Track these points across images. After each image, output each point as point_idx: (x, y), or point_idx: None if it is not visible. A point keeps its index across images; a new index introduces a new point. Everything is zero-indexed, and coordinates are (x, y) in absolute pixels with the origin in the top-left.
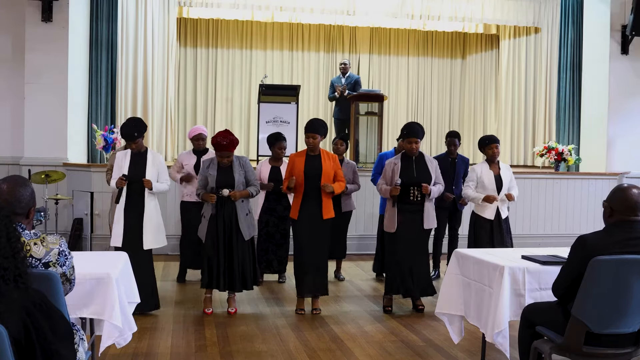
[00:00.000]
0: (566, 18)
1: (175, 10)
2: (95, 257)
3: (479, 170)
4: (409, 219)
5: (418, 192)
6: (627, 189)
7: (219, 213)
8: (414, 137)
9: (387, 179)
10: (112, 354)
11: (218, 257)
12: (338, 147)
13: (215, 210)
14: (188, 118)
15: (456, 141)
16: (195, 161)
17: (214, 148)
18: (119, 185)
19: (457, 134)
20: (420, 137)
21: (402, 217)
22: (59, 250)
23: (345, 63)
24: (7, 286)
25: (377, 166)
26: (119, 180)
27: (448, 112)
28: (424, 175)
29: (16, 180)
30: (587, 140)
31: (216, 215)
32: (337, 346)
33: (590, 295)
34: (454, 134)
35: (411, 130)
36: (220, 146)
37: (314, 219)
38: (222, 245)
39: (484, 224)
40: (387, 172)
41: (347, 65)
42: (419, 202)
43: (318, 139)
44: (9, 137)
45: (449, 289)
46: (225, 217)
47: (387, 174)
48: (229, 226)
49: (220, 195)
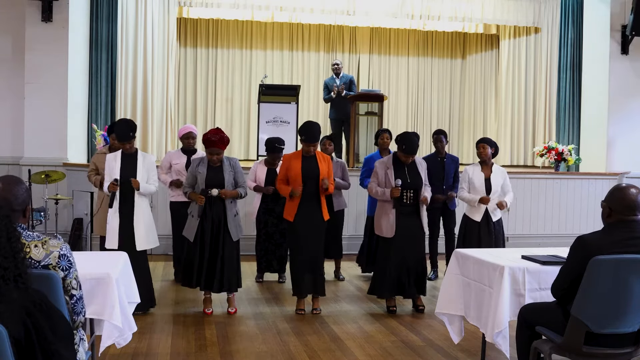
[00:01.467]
0: (566, 18)
1: (175, 10)
2: (95, 257)
3: (470, 172)
4: (404, 221)
5: (411, 195)
6: (625, 188)
7: (207, 213)
8: (411, 154)
9: (380, 181)
10: (112, 354)
11: (203, 256)
12: (327, 147)
13: (203, 210)
14: (188, 118)
15: (442, 138)
16: (186, 161)
17: (205, 145)
18: (111, 190)
19: (444, 132)
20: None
21: (399, 220)
22: (60, 253)
23: (337, 64)
24: (7, 286)
25: (365, 170)
26: (111, 185)
27: (448, 112)
28: (417, 179)
29: (10, 179)
30: (587, 140)
31: (204, 215)
32: (337, 346)
33: (590, 295)
34: (440, 132)
35: (410, 146)
36: (210, 142)
37: (312, 220)
38: (207, 245)
39: (472, 226)
40: (379, 174)
41: (339, 66)
42: (412, 204)
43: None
44: (9, 137)
45: (449, 289)
46: (214, 217)
47: (380, 176)
48: (217, 226)
49: (209, 195)
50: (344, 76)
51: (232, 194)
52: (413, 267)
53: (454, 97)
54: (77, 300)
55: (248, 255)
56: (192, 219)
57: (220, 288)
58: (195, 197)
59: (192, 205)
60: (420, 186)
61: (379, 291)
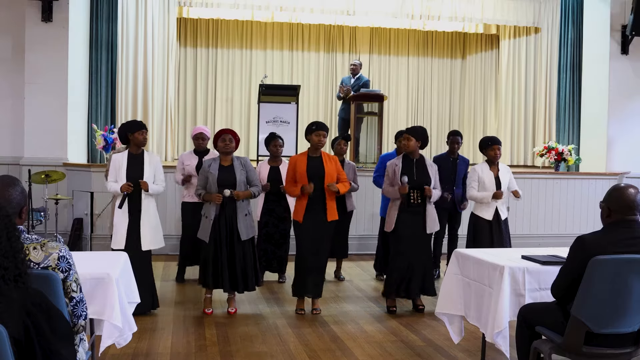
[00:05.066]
0: (566, 18)
1: (175, 10)
2: (95, 257)
3: (479, 171)
4: (410, 221)
5: (418, 195)
6: (624, 188)
7: (220, 213)
8: (406, 133)
9: (391, 180)
10: (112, 354)
11: (221, 257)
12: (342, 147)
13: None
14: (188, 118)
15: (459, 139)
16: (197, 161)
17: (215, 137)
18: (124, 190)
19: (460, 133)
20: (411, 133)
21: (404, 219)
22: (59, 255)
23: (355, 64)
24: (7, 286)
25: (379, 168)
26: (125, 186)
27: (448, 112)
28: (424, 178)
29: (3, 180)
30: (587, 140)
31: (218, 216)
32: (337, 346)
33: (590, 295)
34: (457, 133)
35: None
36: (221, 131)
37: (319, 222)
38: (224, 246)
39: (483, 225)
40: (390, 173)
41: (357, 67)
42: (420, 204)
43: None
44: (9, 137)
45: (449, 289)
46: (227, 218)
47: (390, 175)
48: (230, 227)
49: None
50: (360, 77)
51: (245, 194)
52: (417, 268)
53: (454, 97)
54: (77, 302)
55: None
56: (205, 220)
57: (242, 288)
58: (210, 197)
59: (206, 207)
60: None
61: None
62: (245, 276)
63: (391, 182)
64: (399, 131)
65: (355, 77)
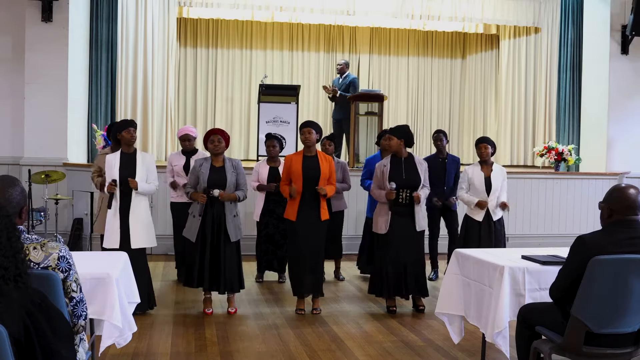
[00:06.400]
0: (566, 18)
1: (175, 10)
2: (95, 257)
3: (470, 172)
4: (399, 220)
5: (407, 195)
6: (624, 188)
7: (208, 213)
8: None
9: (379, 182)
10: (112, 354)
11: (204, 256)
12: (327, 148)
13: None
14: (188, 118)
15: (442, 137)
16: (185, 162)
17: (204, 138)
18: (109, 190)
19: (443, 131)
20: (392, 132)
21: (393, 219)
22: (59, 255)
23: (340, 64)
24: (7, 286)
25: (366, 171)
26: (109, 185)
27: (448, 112)
28: (413, 178)
29: (3, 181)
30: (587, 140)
31: (205, 215)
32: (337, 346)
33: (590, 295)
34: (440, 131)
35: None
36: (210, 132)
37: (312, 221)
38: (209, 245)
39: (473, 225)
40: (378, 175)
41: (342, 66)
42: (408, 204)
43: (313, 134)
44: (9, 137)
45: (449, 289)
46: (214, 217)
47: (378, 177)
48: (217, 227)
49: (210, 195)
50: (347, 76)
51: (230, 197)
52: (410, 267)
53: (454, 97)
54: (77, 302)
55: (248, 255)
56: (193, 219)
57: (224, 288)
58: (197, 197)
59: (194, 205)
60: (417, 185)
61: (378, 290)
62: (229, 277)
63: (379, 184)
64: (382, 131)
65: (343, 77)
